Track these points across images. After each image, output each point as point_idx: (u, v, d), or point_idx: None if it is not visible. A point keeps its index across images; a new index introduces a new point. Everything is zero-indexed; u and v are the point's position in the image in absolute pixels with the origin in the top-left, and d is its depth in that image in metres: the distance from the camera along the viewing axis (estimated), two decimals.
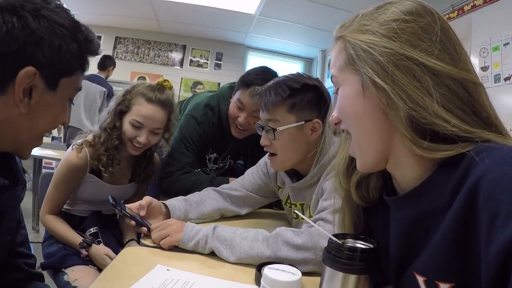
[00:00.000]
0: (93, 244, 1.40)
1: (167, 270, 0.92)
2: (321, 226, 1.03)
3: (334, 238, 0.73)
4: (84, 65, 0.78)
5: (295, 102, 1.22)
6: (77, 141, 1.44)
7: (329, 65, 5.00)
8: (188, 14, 4.63)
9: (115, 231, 1.64)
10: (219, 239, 1.06)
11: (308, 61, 5.50)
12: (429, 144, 0.55)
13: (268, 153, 1.42)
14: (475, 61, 2.40)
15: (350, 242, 0.75)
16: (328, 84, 4.20)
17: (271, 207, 1.80)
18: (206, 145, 1.80)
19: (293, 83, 1.23)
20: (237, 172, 1.90)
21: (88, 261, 1.39)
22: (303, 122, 1.23)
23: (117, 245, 1.58)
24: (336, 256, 0.71)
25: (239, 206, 1.51)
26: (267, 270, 0.49)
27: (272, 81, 1.30)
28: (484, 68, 2.39)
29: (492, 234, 0.46)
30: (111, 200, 1.17)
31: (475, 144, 0.54)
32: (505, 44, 2.27)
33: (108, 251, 1.38)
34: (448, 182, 0.55)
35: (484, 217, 0.48)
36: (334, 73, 0.69)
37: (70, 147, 1.44)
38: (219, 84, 5.39)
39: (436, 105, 0.55)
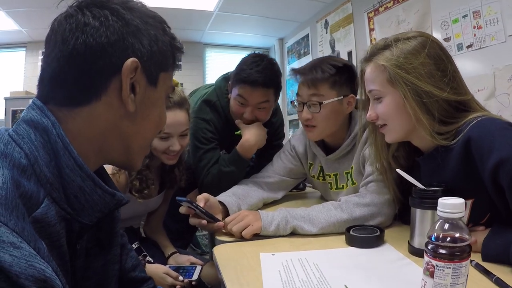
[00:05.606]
0: (146, 264, 1.37)
1: (272, 255, 0.97)
2: (375, 187, 1.22)
3: (420, 185, 0.96)
4: (175, 62, 0.72)
5: (336, 79, 1.37)
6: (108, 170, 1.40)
7: (288, 52, 5.18)
8: None
9: (151, 240, 1.66)
10: (297, 218, 1.16)
11: (265, 51, 5.55)
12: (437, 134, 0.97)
13: (291, 136, 1.64)
14: (438, 35, 2.62)
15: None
16: (286, 72, 4.32)
17: (291, 190, 1.90)
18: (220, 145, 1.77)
19: (337, 62, 1.38)
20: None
21: None
22: (342, 97, 1.38)
23: (162, 254, 1.59)
24: (423, 198, 0.94)
25: (275, 192, 1.61)
26: (442, 200, 0.59)
27: (314, 61, 1.43)
28: (446, 39, 2.61)
29: (484, 164, 0.87)
30: (185, 199, 1.16)
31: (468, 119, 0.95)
32: (464, 16, 2.50)
33: (167, 270, 1.38)
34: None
35: (477, 157, 0.89)
36: (376, 87, 1.04)
37: None
38: (181, 84, 5.34)
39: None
